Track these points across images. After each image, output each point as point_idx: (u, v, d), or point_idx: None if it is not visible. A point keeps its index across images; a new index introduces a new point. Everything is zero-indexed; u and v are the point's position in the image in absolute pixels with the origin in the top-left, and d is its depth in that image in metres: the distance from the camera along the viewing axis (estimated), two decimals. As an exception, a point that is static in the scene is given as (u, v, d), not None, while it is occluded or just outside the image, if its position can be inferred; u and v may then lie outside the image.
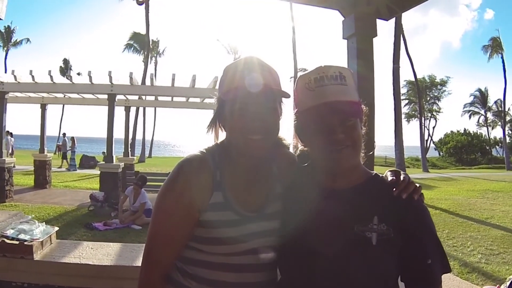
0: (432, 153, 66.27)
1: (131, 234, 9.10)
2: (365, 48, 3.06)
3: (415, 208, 1.36)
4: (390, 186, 1.40)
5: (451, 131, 63.92)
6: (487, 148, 62.15)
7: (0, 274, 2.91)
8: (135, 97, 16.40)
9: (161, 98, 16.70)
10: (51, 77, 12.70)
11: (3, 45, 54.22)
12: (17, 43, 55.50)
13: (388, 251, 1.32)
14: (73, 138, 26.23)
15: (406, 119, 59.63)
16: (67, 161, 26.10)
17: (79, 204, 12.12)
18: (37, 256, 2.90)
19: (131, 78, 12.78)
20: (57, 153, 28.32)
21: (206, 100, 14.58)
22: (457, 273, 6.60)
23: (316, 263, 1.36)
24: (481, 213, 12.14)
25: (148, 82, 14.09)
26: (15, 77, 12.69)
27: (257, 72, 1.47)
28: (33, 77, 12.65)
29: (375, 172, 1.53)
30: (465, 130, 63.39)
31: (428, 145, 59.79)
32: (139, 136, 42.13)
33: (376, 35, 3.13)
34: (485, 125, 64.12)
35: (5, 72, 36.52)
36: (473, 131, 63.25)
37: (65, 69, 56.54)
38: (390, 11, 3.32)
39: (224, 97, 1.51)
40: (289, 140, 1.70)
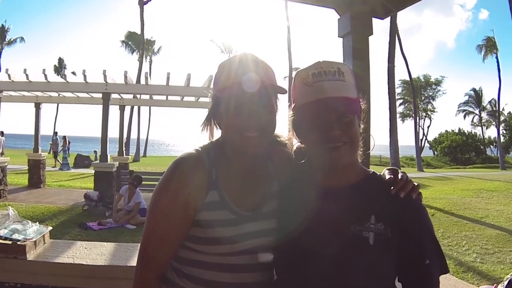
0: (427, 153, 66.64)
1: (125, 233, 9.10)
2: (360, 47, 3.05)
3: (413, 207, 1.34)
4: (387, 185, 1.38)
5: (446, 131, 64.26)
6: (482, 147, 62.50)
7: (-7, 275, 2.88)
8: (130, 96, 16.37)
9: (155, 97, 16.69)
10: (45, 76, 12.64)
11: (-3, 44, 54.03)
12: (11, 42, 55.32)
13: (386, 251, 1.30)
14: (64, 137, 26.17)
15: (400, 118, 59.94)
16: (58, 160, 25.99)
17: (73, 203, 12.09)
18: (30, 256, 2.86)
19: (125, 77, 12.76)
20: (51, 152, 28.22)
21: (201, 99, 14.57)
22: (452, 273, 6.61)
23: (313, 263, 1.35)
24: (476, 212, 12.20)
25: (142, 81, 14.05)
26: (9, 75, 12.62)
27: (252, 68, 1.45)
28: (27, 75, 12.58)
29: (372, 171, 1.51)
30: (459, 129, 63.74)
31: (422, 144, 60.05)
32: (133, 135, 42.10)
33: (372, 33, 3.12)
34: (480, 124, 64.55)
35: (-1, 71, 36.31)
36: (467, 131, 63.72)
37: (60, 68, 56.45)
38: (385, 10, 3.32)
39: (219, 94, 1.48)
40: (286, 137, 1.68)
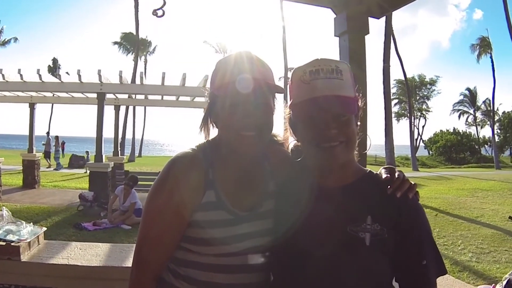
0: (422, 152, 66.87)
1: (120, 234, 9.06)
2: (357, 46, 3.03)
3: (409, 207, 1.33)
4: (384, 184, 1.37)
5: (441, 130, 64.47)
6: (476, 147, 62.76)
7: (-13, 276, 2.85)
8: (125, 96, 16.31)
9: (151, 97, 16.64)
10: (40, 76, 12.59)
11: (-9, 44, 53.77)
12: (5, 42, 55.03)
13: (382, 251, 1.29)
14: (57, 137, 26.08)
15: (395, 118, 60.06)
16: (48, 160, 25.87)
17: (68, 204, 12.04)
18: (25, 257, 2.84)
19: (120, 77, 12.71)
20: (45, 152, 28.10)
21: (197, 99, 14.53)
22: (448, 272, 6.59)
23: (309, 264, 1.34)
24: (471, 211, 12.24)
25: (138, 81, 14.00)
26: (3, 76, 12.52)
27: (249, 67, 1.43)
28: (21, 76, 12.51)
29: (369, 170, 1.50)
30: (454, 129, 64.02)
31: (417, 144, 60.35)
32: (129, 135, 41.95)
33: (368, 32, 3.11)
34: (474, 124, 64.88)
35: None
36: (462, 130, 63.99)
37: (54, 68, 56.22)
38: (381, 10, 3.31)
39: (217, 92, 1.47)
40: (282, 136, 1.66)
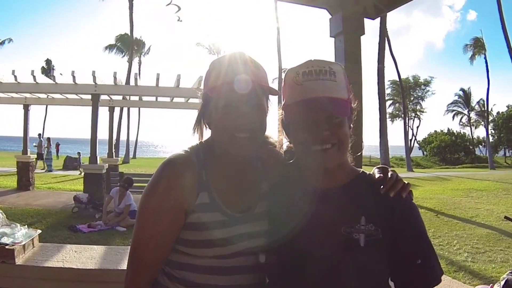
0: (416, 153, 67.17)
1: (115, 236, 9.03)
2: (352, 46, 3.04)
3: (403, 206, 1.32)
4: (377, 184, 1.36)
5: (435, 131, 64.85)
6: (471, 147, 63.13)
7: (-19, 280, 2.83)
8: (119, 97, 16.28)
9: (145, 98, 16.55)
10: (34, 77, 12.52)
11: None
12: (0, 43, 54.76)
13: (377, 252, 1.29)
14: (48, 139, 26.01)
15: (390, 119, 60.24)
16: (43, 161, 25.77)
17: (63, 206, 11.98)
18: (19, 260, 2.82)
19: (115, 78, 12.67)
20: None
21: (191, 100, 14.51)
22: (444, 272, 6.65)
23: (304, 265, 1.33)
24: (466, 212, 12.28)
25: (132, 82, 13.95)
26: (-4, 77, 12.45)
27: (243, 68, 1.42)
28: (15, 77, 12.45)
29: (362, 170, 1.49)
30: (448, 129, 64.43)
31: (412, 144, 60.56)
32: (123, 137, 41.84)
33: (364, 33, 3.11)
34: (469, 124, 65.18)
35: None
36: (456, 131, 64.34)
37: (48, 69, 55.98)
38: (376, 10, 3.32)
39: (210, 93, 1.46)
40: (275, 138, 1.66)
